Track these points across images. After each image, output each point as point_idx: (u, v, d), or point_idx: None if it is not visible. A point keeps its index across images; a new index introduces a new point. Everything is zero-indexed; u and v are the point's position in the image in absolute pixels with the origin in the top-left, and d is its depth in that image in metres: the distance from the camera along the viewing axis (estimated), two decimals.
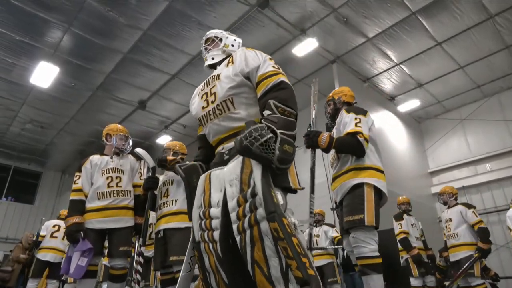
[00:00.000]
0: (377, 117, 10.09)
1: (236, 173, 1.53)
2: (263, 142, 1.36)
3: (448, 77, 9.86)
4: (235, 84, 1.76)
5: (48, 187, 16.14)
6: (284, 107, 1.57)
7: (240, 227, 1.43)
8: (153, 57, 8.78)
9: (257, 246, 1.36)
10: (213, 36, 2.18)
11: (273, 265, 1.31)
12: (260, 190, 1.37)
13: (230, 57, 1.91)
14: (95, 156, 3.80)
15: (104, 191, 3.56)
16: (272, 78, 1.68)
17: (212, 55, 2.10)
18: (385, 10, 7.59)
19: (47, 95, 10.21)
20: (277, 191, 1.44)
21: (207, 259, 1.58)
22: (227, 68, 1.85)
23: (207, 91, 1.88)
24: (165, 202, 3.59)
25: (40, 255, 5.96)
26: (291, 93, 1.66)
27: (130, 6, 7.27)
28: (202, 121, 1.89)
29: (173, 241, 3.37)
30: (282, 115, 1.53)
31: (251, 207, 1.40)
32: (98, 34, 8.02)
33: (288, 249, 1.27)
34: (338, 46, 8.82)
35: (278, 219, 1.32)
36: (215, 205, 1.60)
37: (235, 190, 1.50)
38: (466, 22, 7.89)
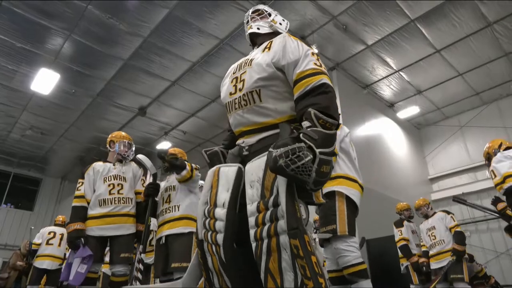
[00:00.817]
0: (377, 124, 10.12)
1: (258, 175, 1.44)
2: (300, 166, 1.26)
3: (447, 84, 9.89)
4: (266, 76, 1.60)
5: (47, 193, 16.10)
6: (325, 118, 1.41)
7: (258, 234, 1.37)
8: (154, 64, 8.81)
9: (273, 257, 1.31)
10: (262, 9, 2.04)
11: (287, 279, 1.27)
12: (283, 202, 1.31)
13: (269, 42, 1.73)
14: (98, 163, 3.85)
15: (106, 198, 3.57)
16: (313, 79, 1.50)
17: (258, 25, 1.94)
18: (384, 18, 7.64)
19: (48, 101, 10.23)
20: (301, 203, 1.38)
21: (210, 259, 1.53)
22: (262, 54, 1.69)
23: (237, 76, 1.72)
24: (167, 208, 3.56)
25: (37, 263, 5.94)
26: (333, 98, 1.50)
27: (130, 13, 7.31)
28: (228, 108, 1.75)
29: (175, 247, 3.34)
30: (323, 128, 1.39)
31: (271, 217, 1.34)
32: (98, 41, 8.05)
33: (307, 268, 1.23)
34: (338, 53, 8.85)
35: (300, 236, 1.26)
36: (220, 205, 1.53)
37: (256, 194, 1.43)
38: (465, 29, 7.94)
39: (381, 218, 7.48)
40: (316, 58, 1.60)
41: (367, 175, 8.54)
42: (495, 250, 9.27)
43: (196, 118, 11.09)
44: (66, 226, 3.56)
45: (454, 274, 4.76)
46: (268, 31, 1.91)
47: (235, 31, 7.82)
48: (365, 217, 7.54)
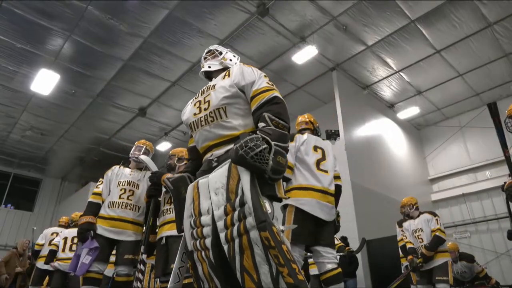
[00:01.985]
0: (377, 125, 10.13)
1: (222, 181, 1.55)
2: (258, 152, 1.40)
3: (447, 85, 9.90)
4: (230, 95, 1.80)
5: (47, 194, 16.10)
6: (278, 120, 1.62)
7: (229, 235, 1.45)
8: (154, 64, 8.82)
9: (246, 254, 1.38)
10: (214, 49, 2.24)
11: (263, 272, 1.34)
12: (249, 199, 1.40)
13: (227, 70, 1.96)
14: (117, 166, 3.98)
15: (114, 201, 3.69)
16: (266, 93, 1.74)
17: (210, 64, 2.16)
18: (384, 18, 7.64)
19: (48, 102, 10.24)
20: (265, 199, 1.47)
21: (201, 267, 1.60)
22: (223, 80, 1.90)
23: (200, 99, 1.93)
24: (168, 209, 3.57)
25: (39, 264, 5.93)
26: (284, 108, 1.72)
27: (130, 14, 7.32)
28: (193, 127, 1.92)
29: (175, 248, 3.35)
30: (276, 128, 1.59)
31: (239, 216, 1.43)
32: (98, 41, 8.06)
33: (279, 256, 1.31)
34: (338, 54, 8.86)
35: (269, 227, 1.35)
36: (205, 213, 1.61)
37: (221, 199, 1.53)
38: (465, 30, 7.94)
39: (381, 218, 7.49)
40: (268, 79, 1.85)
41: (367, 175, 8.57)
42: (495, 251, 9.27)
43: None
44: (79, 218, 3.71)
45: (439, 276, 4.75)
46: (219, 67, 2.14)
47: (235, 32, 7.83)
48: (365, 217, 7.58)
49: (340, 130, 8.71)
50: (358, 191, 7.83)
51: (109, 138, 12.40)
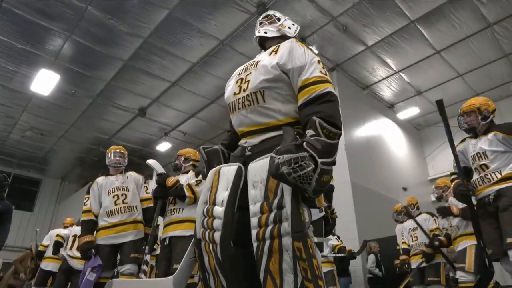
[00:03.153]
0: (377, 125, 10.12)
1: (261, 176, 1.44)
2: (302, 174, 1.27)
3: (447, 85, 9.89)
4: (271, 77, 1.60)
5: (47, 194, 16.10)
6: (330, 128, 1.41)
7: (261, 234, 1.38)
8: (154, 65, 8.82)
9: (274, 257, 1.33)
10: (272, 14, 2.05)
11: (287, 281, 1.28)
12: (289, 204, 1.33)
13: (277, 46, 1.74)
14: (101, 178, 4.03)
15: (112, 209, 3.78)
16: (318, 86, 1.51)
17: (266, 29, 1.94)
18: (384, 19, 7.64)
19: (48, 102, 10.24)
20: (304, 207, 1.39)
21: (207, 258, 1.53)
22: (269, 57, 1.70)
23: (243, 77, 1.73)
24: (173, 210, 3.60)
25: (43, 265, 5.93)
26: (337, 108, 1.49)
27: (130, 14, 7.32)
28: (231, 108, 1.75)
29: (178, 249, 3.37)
30: (326, 138, 1.39)
31: (275, 219, 1.36)
32: (98, 41, 8.06)
33: (308, 270, 1.26)
34: (338, 54, 8.86)
35: (304, 239, 1.29)
36: (219, 204, 1.53)
37: (259, 195, 1.44)
38: (465, 30, 7.94)
39: (381, 218, 7.48)
40: (322, 66, 1.60)
41: (367, 175, 8.57)
42: None
43: (196, 119, 11.10)
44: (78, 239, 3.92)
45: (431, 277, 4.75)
46: (276, 35, 1.92)
47: (235, 32, 7.82)
48: (365, 217, 7.58)
49: None
50: (358, 191, 7.83)
51: (109, 138, 12.39)
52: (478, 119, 3.24)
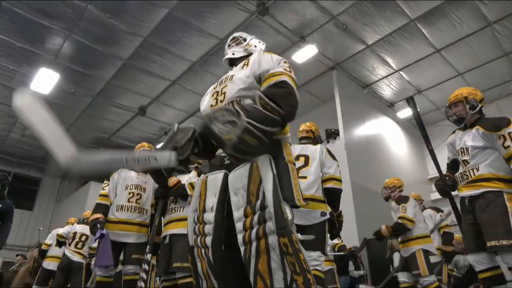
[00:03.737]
0: (377, 124, 10.12)
1: (242, 182, 1.51)
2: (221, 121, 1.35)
3: (447, 84, 9.89)
4: (246, 86, 1.70)
5: (47, 193, 16.10)
6: (268, 101, 1.44)
7: (247, 237, 1.42)
8: (154, 64, 8.81)
9: (262, 258, 1.36)
10: (238, 36, 2.15)
11: (277, 279, 1.32)
12: (271, 203, 1.37)
13: (247, 59, 1.85)
14: (125, 169, 3.96)
15: (123, 205, 3.74)
16: (277, 77, 1.62)
17: (233, 51, 2.06)
18: (384, 18, 7.64)
19: (48, 101, 10.21)
20: (286, 206, 1.42)
21: (200, 264, 1.58)
22: (241, 70, 1.81)
23: (218, 90, 1.83)
24: (173, 208, 3.60)
25: (45, 264, 5.93)
26: (286, 94, 1.55)
27: (130, 13, 7.32)
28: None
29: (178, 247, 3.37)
30: (262, 107, 1.43)
31: (259, 220, 1.40)
32: (98, 41, 8.05)
33: (296, 264, 1.30)
34: (338, 53, 8.86)
35: (288, 234, 1.32)
36: (209, 210, 1.58)
37: (241, 200, 1.49)
38: (465, 29, 7.94)
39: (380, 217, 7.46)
40: (288, 66, 1.72)
41: (367, 174, 8.57)
42: None
43: (196, 118, 11.10)
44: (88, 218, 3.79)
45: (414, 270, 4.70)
46: (243, 54, 2.04)
47: (235, 31, 7.81)
48: (365, 216, 7.58)
49: (340, 129, 8.71)
50: (357, 190, 7.83)
51: (109, 137, 12.40)
52: (466, 108, 3.12)
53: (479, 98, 3.14)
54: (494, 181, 2.77)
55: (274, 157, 1.51)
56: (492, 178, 2.78)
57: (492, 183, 2.76)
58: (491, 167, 2.81)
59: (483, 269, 2.79)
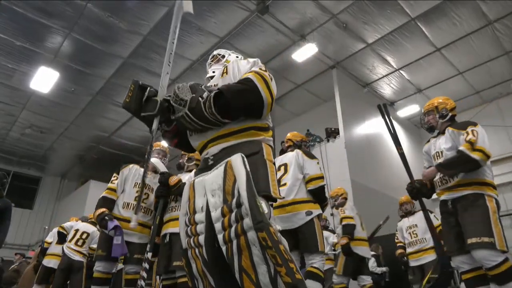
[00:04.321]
0: (377, 123, 10.11)
1: (218, 182, 1.55)
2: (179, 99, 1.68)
3: (447, 83, 9.89)
4: None
5: (47, 192, 16.09)
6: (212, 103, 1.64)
7: (227, 236, 1.45)
8: (153, 62, 8.80)
9: (244, 254, 1.39)
10: (216, 54, 2.25)
11: (261, 272, 1.35)
12: (246, 200, 1.39)
13: (225, 67, 1.95)
14: (136, 165, 3.92)
15: (130, 203, 3.68)
16: (245, 75, 1.71)
17: (214, 69, 2.14)
18: (384, 16, 7.63)
19: (47, 100, 10.22)
20: (261, 200, 1.45)
21: (194, 265, 1.61)
22: (222, 78, 1.89)
23: None
24: (174, 207, 3.59)
25: (45, 261, 5.92)
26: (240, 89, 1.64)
27: (130, 11, 7.31)
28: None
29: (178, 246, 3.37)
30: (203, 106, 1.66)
31: (237, 217, 1.42)
32: (98, 39, 8.05)
33: (277, 256, 1.31)
34: (338, 52, 8.85)
35: (266, 228, 1.34)
36: (199, 210, 1.61)
37: (218, 200, 1.52)
38: (465, 28, 7.93)
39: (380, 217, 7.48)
40: (264, 68, 1.78)
41: (367, 173, 8.56)
42: None
43: None
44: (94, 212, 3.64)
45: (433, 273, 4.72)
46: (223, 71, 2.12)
47: (234, 30, 7.81)
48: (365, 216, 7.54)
49: (340, 128, 8.71)
50: (358, 189, 7.83)
51: (109, 136, 12.38)
52: (436, 117, 3.32)
53: (450, 107, 3.36)
54: (474, 185, 2.88)
55: (251, 155, 1.58)
56: (472, 182, 2.89)
57: (472, 187, 2.87)
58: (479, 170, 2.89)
59: (466, 270, 2.84)
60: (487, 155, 2.82)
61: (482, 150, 2.82)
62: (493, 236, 2.62)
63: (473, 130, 2.99)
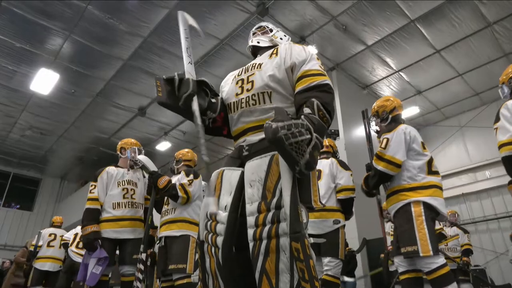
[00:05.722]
0: None
1: (259, 175, 1.45)
2: (299, 141, 1.27)
3: (447, 85, 9.90)
4: (276, 78, 1.64)
5: (47, 193, 16.10)
6: (324, 112, 1.45)
7: (258, 234, 1.39)
8: (153, 64, 8.81)
9: (271, 257, 1.33)
10: (265, 25, 2.08)
11: (283, 281, 1.30)
12: (288, 205, 1.32)
13: (275, 48, 1.78)
14: (111, 167, 3.90)
15: (120, 202, 3.68)
16: (319, 77, 1.57)
17: (259, 39, 1.98)
18: (384, 18, 7.64)
19: (47, 101, 10.23)
20: (302, 208, 1.38)
21: (208, 261, 1.54)
22: (270, 59, 1.73)
23: (243, 78, 1.75)
24: (166, 210, 3.62)
25: (38, 265, 5.93)
26: (333, 99, 1.56)
27: (130, 13, 7.31)
28: (232, 108, 1.75)
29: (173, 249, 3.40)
30: (320, 119, 1.43)
31: (273, 219, 1.36)
32: (98, 41, 8.05)
33: (305, 271, 1.26)
34: (338, 54, 8.85)
35: (302, 240, 1.28)
36: (222, 209, 1.54)
37: (256, 194, 1.44)
38: (465, 30, 7.94)
39: None
40: (321, 63, 1.67)
41: None
42: (494, 251, 9.28)
43: None
44: (82, 228, 3.61)
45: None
46: (268, 44, 1.96)
47: (234, 31, 7.82)
48: (365, 217, 7.57)
49: (340, 129, 8.71)
50: (358, 190, 7.80)
51: (109, 137, 12.39)
52: (379, 122, 3.33)
53: (389, 108, 3.30)
54: (401, 192, 2.85)
55: None
56: (400, 189, 2.87)
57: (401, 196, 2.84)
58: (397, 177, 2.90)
59: (402, 271, 2.89)
60: (394, 164, 2.82)
61: (388, 159, 2.84)
62: (416, 244, 2.61)
63: (384, 138, 3.00)
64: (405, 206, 2.78)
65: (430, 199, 2.73)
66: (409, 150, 2.91)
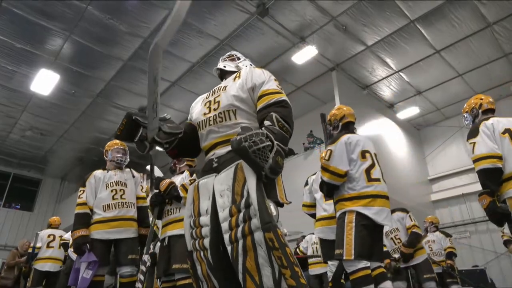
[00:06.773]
0: (376, 125, 10.12)
1: (227, 183, 1.56)
2: (261, 148, 1.39)
3: (447, 85, 9.90)
4: (240, 97, 1.80)
5: (47, 194, 16.10)
6: (283, 122, 1.60)
7: (233, 236, 1.46)
8: None
9: (250, 255, 1.39)
10: (234, 54, 2.29)
11: (265, 274, 1.35)
12: (255, 200, 1.41)
13: (238, 72, 1.98)
14: (98, 171, 3.92)
15: (110, 203, 3.69)
16: (276, 96, 1.73)
17: (225, 64, 2.18)
18: (384, 18, 7.64)
19: (47, 102, 10.24)
20: (270, 202, 1.47)
21: (200, 267, 1.62)
22: (233, 82, 1.90)
23: (211, 100, 1.91)
24: (169, 210, 3.61)
25: (39, 266, 5.93)
26: (291, 113, 1.71)
27: (130, 14, 7.33)
28: (201, 126, 1.91)
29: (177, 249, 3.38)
30: (280, 129, 1.57)
31: (244, 217, 1.44)
32: (98, 41, 8.06)
33: (283, 258, 1.33)
34: (338, 54, 8.86)
35: (273, 229, 1.36)
36: (204, 213, 1.63)
37: (227, 201, 1.53)
38: (465, 30, 7.94)
39: None
40: (278, 83, 1.85)
41: None
42: (494, 251, 9.27)
43: None
44: (72, 232, 3.63)
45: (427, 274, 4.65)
46: (233, 70, 2.14)
47: (234, 32, 7.83)
48: None
49: None
50: None
51: (109, 138, 12.37)
52: (331, 129, 3.51)
53: (339, 117, 3.55)
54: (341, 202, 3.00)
55: None
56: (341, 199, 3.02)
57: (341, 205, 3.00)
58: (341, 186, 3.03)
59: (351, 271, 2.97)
60: (337, 174, 2.96)
61: (333, 170, 2.97)
62: (342, 248, 2.80)
63: (328, 150, 3.12)
64: (342, 215, 2.95)
65: (364, 209, 2.87)
66: (350, 160, 3.06)
